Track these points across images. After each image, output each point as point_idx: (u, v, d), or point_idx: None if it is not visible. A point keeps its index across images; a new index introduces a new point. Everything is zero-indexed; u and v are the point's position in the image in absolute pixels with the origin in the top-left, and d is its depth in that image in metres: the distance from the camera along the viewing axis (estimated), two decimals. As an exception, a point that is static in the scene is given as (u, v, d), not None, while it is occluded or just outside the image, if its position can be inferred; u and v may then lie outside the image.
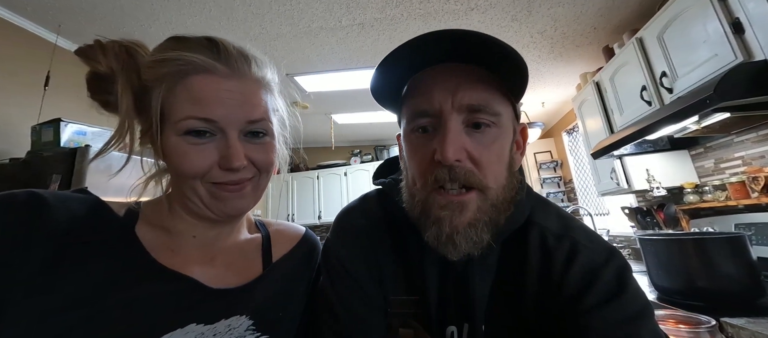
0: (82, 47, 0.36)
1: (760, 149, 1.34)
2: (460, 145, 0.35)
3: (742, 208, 1.38)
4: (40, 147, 1.44)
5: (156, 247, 0.37)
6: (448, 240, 0.35)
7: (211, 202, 0.37)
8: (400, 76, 0.39)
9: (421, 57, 0.37)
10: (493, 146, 0.36)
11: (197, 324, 0.34)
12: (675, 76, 1.31)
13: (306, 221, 3.70)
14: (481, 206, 0.36)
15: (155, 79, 0.34)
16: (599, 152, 1.71)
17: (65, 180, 1.34)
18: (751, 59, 1.01)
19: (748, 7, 1.01)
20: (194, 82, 0.34)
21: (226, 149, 0.35)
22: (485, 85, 0.36)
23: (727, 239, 1.00)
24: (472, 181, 0.35)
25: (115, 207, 0.38)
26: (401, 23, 1.72)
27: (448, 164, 0.34)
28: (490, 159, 0.36)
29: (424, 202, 0.37)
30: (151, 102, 0.35)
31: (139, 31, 1.72)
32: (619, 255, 0.38)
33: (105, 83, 0.37)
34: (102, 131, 1.57)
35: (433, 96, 0.36)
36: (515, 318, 0.38)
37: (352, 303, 0.41)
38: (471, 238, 0.35)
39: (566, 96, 2.65)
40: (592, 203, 2.83)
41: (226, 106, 0.34)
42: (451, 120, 0.35)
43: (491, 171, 0.36)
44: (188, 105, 0.33)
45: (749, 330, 0.83)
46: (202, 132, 0.34)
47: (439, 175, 0.35)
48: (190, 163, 0.34)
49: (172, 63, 0.34)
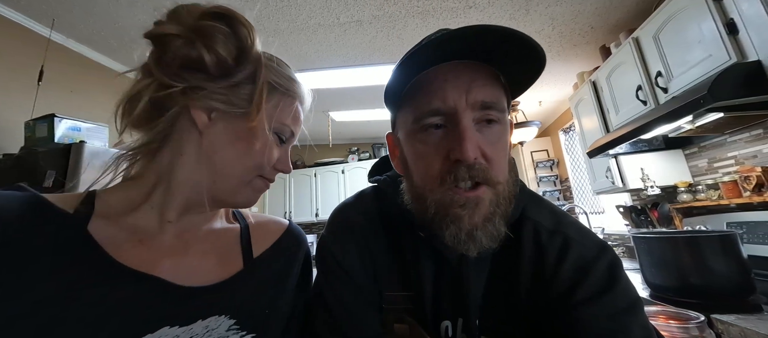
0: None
1: (752, 148, 1.35)
2: (476, 143, 0.35)
3: (734, 207, 1.40)
4: (34, 143, 1.42)
5: (116, 243, 0.34)
6: (468, 237, 0.35)
7: (252, 195, 0.42)
8: (411, 75, 0.39)
9: (427, 56, 0.36)
10: (500, 142, 0.37)
11: (170, 326, 0.32)
12: (670, 76, 1.32)
13: (303, 219, 3.70)
14: (494, 200, 0.36)
15: (278, 89, 0.41)
16: (595, 151, 1.73)
17: (60, 176, 1.33)
18: (744, 60, 1.03)
19: (743, 7, 1.02)
20: (294, 105, 0.44)
21: (285, 156, 0.44)
22: (493, 81, 0.37)
23: (718, 238, 1.02)
24: (487, 177, 0.35)
25: (62, 203, 0.35)
26: (399, 20, 1.71)
27: (469, 162, 0.34)
28: (499, 155, 0.37)
29: (440, 202, 0.36)
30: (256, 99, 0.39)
31: (137, 26, 1.70)
32: (610, 249, 0.39)
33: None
34: (96, 126, 1.56)
35: (446, 94, 0.35)
36: (509, 313, 0.39)
37: (347, 299, 0.42)
38: (489, 232, 0.36)
39: (563, 95, 2.67)
40: (588, 201, 2.85)
41: (299, 126, 0.46)
42: (466, 118, 0.35)
43: (500, 166, 0.37)
44: (290, 120, 0.43)
45: (739, 327, 0.84)
46: (285, 141, 0.43)
47: (459, 174, 0.34)
48: (273, 159, 0.41)
49: (292, 85, 0.43)
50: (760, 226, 1.26)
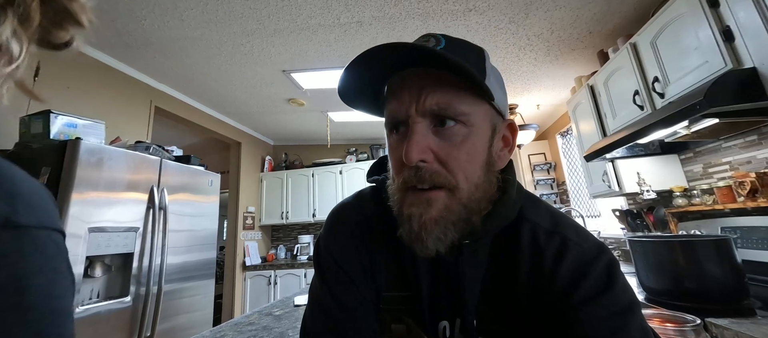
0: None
1: (746, 154, 1.37)
2: (425, 146, 0.36)
3: (729, 212, 1.41)
4: (29, 139, 1.41)
5: None
6: (417, 237, 0.36)
7: None
8: (374, 79, 0.40)
9: (388, 62, 0.38)
10: (462, 146, 0.37)
11: None
12: (667, 82, 1.33)
13: (300, 220, 3.69)
14: (449, 204, 0.36)
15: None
16: (592, 155, 1.74)
17: (55, 173, 1.32)
18: (740, 67, 1.04)
19: (739, 15, 1.03)
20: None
21: None
22: (449, 86, 0.37)
23: (713, 242, 1.03)
24: (438, 180, 0.36)
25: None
26: (399, 22, 1.72)
27: (412, 165, 0.35)
28: (459, 158, 0.36)
29: (399, 201, 0.38)
30: None
31: (134, 23, 1.70)
32: (608, 250, 0.39)
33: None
34: (93, 123, 1.55)
35: (401, 101, 0.38)
36: (506, 313, 0.39)
37: (344, 298, 0.42)
38: (437, 235, 0.36)
39: (561, 99, 2.69)
40: (585, 205, 2.87)
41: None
42: (417, 123, 0.36)
43: (460, 170, 0.36)
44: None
45: (733, 331, 0.85)
46: None
47: (406, 176, 0.37)
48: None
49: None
50: (754, 231, 1.27)
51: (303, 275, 3.29)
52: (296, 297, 1.46)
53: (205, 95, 2.69)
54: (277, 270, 3.33)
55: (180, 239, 1.79)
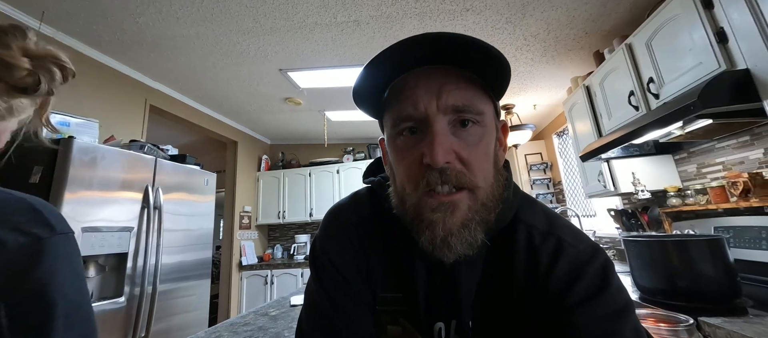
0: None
1: (739, 155, 1.39)
2: (449, 146, 0.35)
3: (722, 212, 1.43)
4: (21, 138, 1.38)
5: None
6: (443, 243, 0.35)
7: None
8: (380, 81, 0.40)
9: (400, 62, 0.37)
10: (479, 145, 0.37)
11: None
12: (662, 83, 1.34)
13: (297, 219, 3.68)
14: (472, 205, 0.36)
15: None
16: (587, 155, 1.75)
17: (47, 172, 1.30)
18: (733, 68, 1.05)
19: (733, 17, 1.04)
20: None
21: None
22: (467, 84, 0.37)
23: (706, 242, 1.04)
24: (463, 182, 0.35)
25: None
26: (396, 22, 1.71)
27: (439, 167, 0.34)
28: (479, 158, 0.36)
29: (416, 206, 0.36)
30: None
31: (129, 20, 1.68)
32: (603, 252, 0.39)
33: None
34: (86, 122, 1.53)
35: (417, 100, 0.36)
36: (502, 314, 0.39)
37: (340, 299, 0.41)
38: (465, 239, 0.35)
39: (557, 99, 2.70)
40: (580, 204, 2.89)
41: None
42: (438, 122, 0.35)
43: (480, 170, 0.36)
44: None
45: (725, 330, 0.86)
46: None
47: (430, 178, 0.34)
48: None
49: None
50: (746, 231, 1.28)
51: (300, 275, 3.28)
52: (293, 297, 1.46)
53: (200, 93, 2.66)
54: (273, 270, 3.32)
55: (175, 239, 1.77)
